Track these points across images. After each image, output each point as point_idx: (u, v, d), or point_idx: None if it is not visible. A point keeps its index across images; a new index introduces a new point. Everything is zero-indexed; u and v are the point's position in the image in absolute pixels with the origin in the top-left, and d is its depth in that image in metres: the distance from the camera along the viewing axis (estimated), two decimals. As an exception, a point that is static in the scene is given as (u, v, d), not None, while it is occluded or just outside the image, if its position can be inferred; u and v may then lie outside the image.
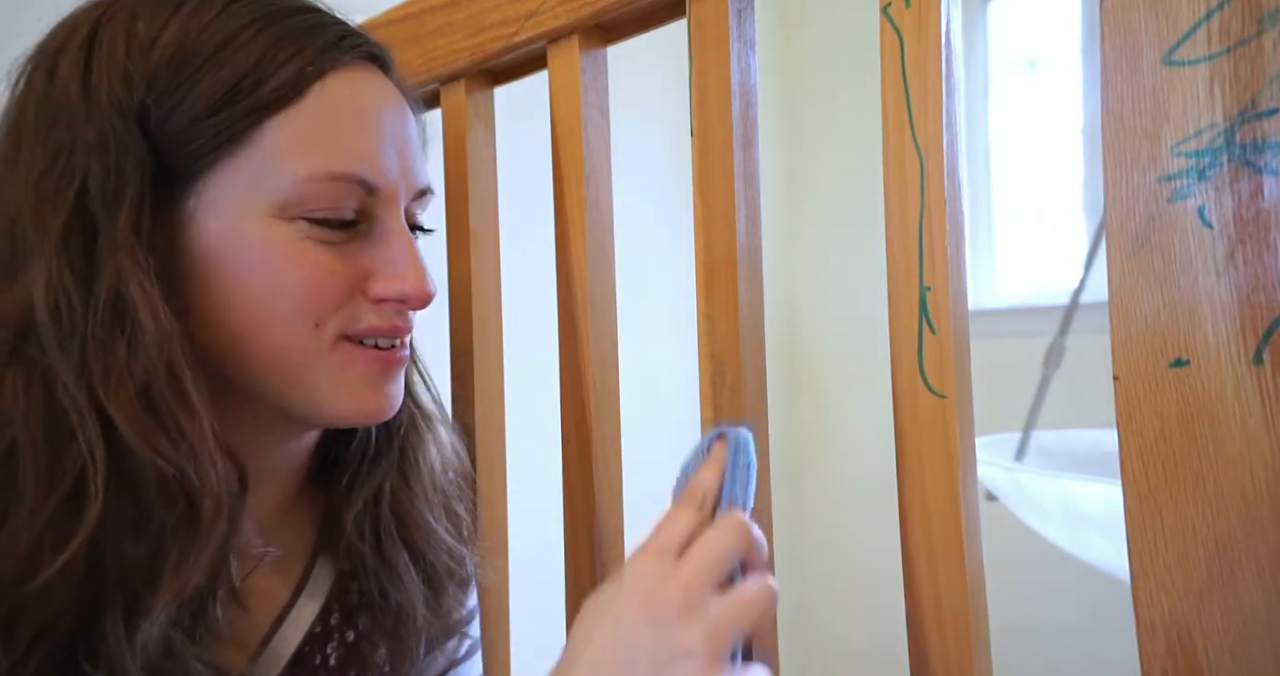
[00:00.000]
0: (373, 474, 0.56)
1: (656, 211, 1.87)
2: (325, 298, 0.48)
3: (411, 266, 0.50)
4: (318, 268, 0.47)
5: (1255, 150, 0.34)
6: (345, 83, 0.49)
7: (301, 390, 0.49)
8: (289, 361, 0.48)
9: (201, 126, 0.46)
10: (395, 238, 0.50)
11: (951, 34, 0.45)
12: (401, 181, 0.51)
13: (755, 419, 0.52)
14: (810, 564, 2.32)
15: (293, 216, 0.47)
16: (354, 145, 0.48)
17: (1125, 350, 0.37)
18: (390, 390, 0.51)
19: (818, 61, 2.32)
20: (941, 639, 0.45)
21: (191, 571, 0.43)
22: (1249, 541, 0.34)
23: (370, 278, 0.49)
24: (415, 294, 0.50)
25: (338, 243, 0.48)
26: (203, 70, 0.46)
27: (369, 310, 0.49)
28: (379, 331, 0.50)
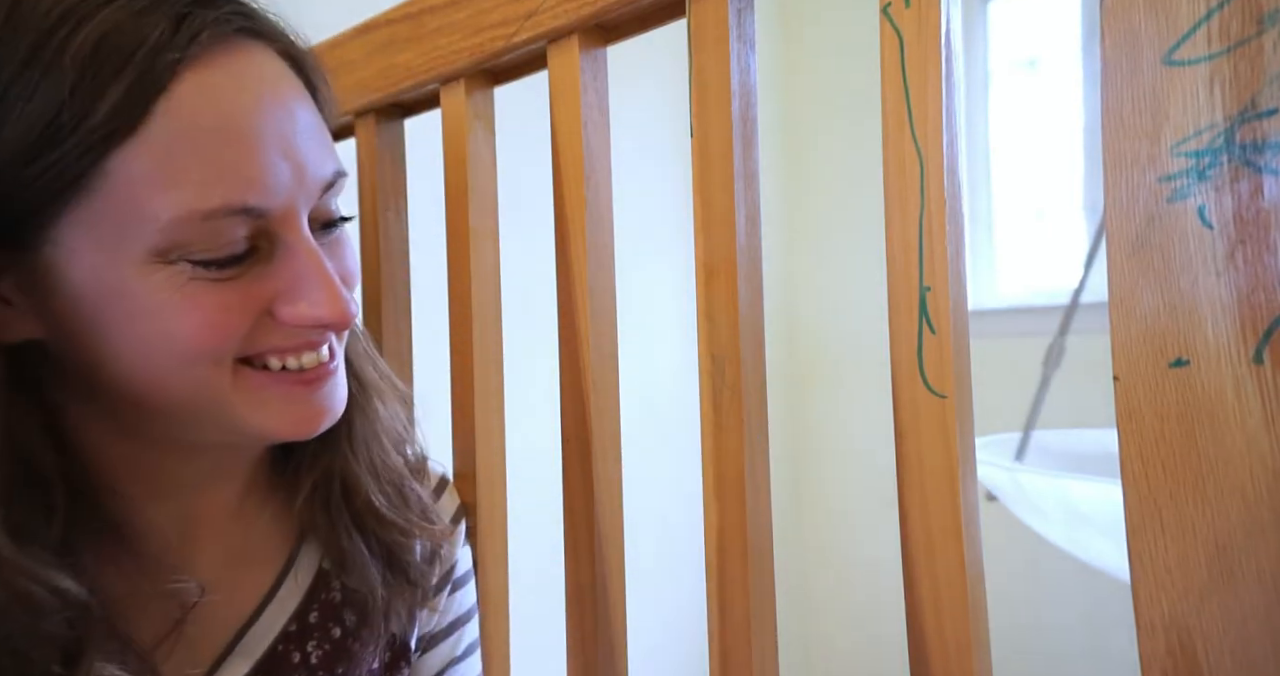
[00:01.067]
0: (319, 454, 0.54)
1: (656, 211, 1.87)
2: (224, 337, 0.43)
3: (323, 288, 0.44)
4: (213, 309, 0.42)
5: (1255, 150, 0.34)
6: (197, 89, 0.40)
7: (222, 421, 0.45)
8: (199, 399, 0.44)
9: (23, 176, 0.38)
10: (300, 257, 0.44)
11: (951, 34, 0.45)
12: (298, 192, 0.44)
13: (755, 419, 0.52)
14: (810, 564, 2.32)
15: (172, 260, 0.41)
16: (226, 169, 0.41)
17: (1125, 350, 0.37)
18: (325, 400, 0.48)
19: (818, 61, 2.32)
20: (941, 639, 0.45)
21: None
22: (1249, 541, 0.34)
23: (277, 300, 0.44)
24: (331, 318, 0.44)
25: (229, 272, 0.43)
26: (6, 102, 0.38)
27: (275, 331, 0.45)
28: (283, 351, 0.45)
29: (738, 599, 0.51)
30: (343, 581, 0.55)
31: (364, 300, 0.79)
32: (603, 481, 0.61)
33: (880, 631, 2.11)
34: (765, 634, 0.52)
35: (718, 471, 0.53)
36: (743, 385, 0.52)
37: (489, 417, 0.69)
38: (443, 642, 0.61)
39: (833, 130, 2.29)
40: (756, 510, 0.52)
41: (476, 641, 0.64)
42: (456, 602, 0.62)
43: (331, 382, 0.48)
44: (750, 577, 0.51)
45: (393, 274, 0.78)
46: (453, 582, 0.62)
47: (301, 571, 0.55)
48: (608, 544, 0.61)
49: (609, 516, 0.61)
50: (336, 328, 0.46)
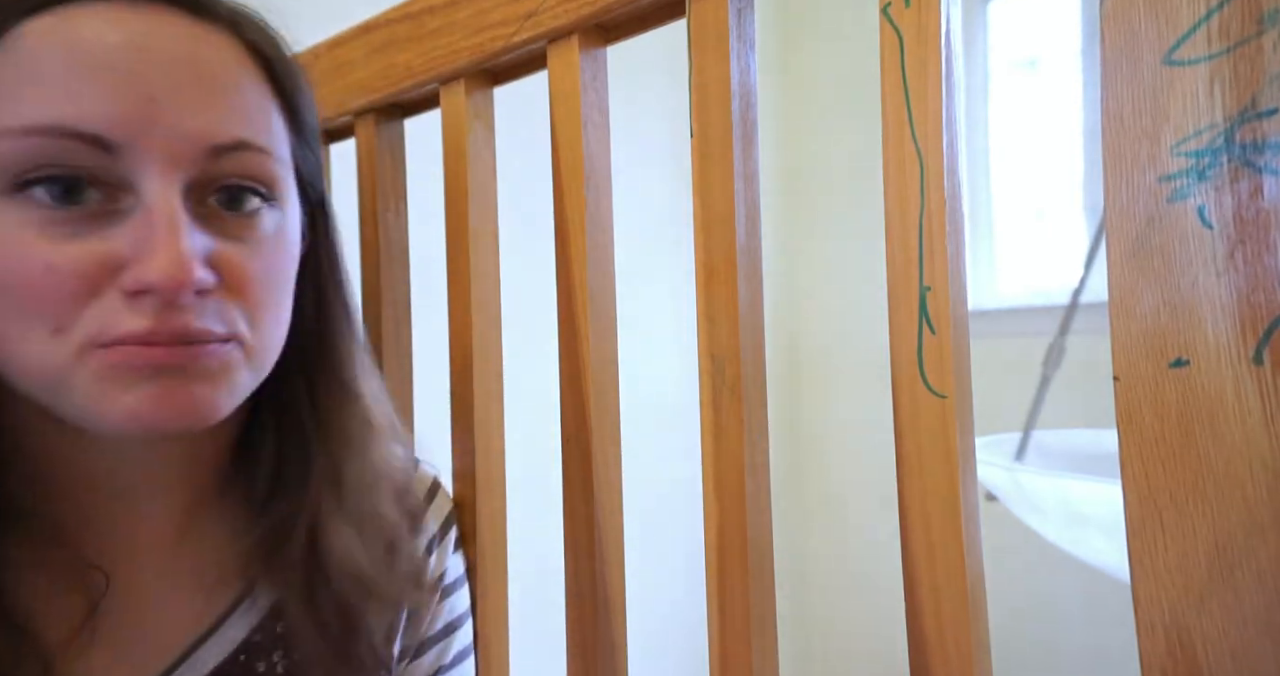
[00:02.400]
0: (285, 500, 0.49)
1: (656, 211, 1.87)
2: (45, 299, 0.38)
3: (161, 244, 0.38)
4: (34, 261, 0.38)
5: (1255, 150, 0.34)
6: (69, 19, 0.38)
7: (66, 404, 0.40)
8: (40, 372, 0.40)
9: None
10: (150, 210, 0.39)
11: (951, 34, 0.45)
12: (160, 135, 0.39)
13: (755, 419, 0.52)
14: (810, 563, 2.32)
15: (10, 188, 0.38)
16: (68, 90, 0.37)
17: (1125, 350, 0.37)
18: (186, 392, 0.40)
19: (818, 61, 2.32)
20: (941, 638, 0.45)
21: None
22: (1249, 542, 0.34)
23: (122, 267, 0.39)
24: (161, 279, 0.38)
25: (76, 224, 0.38)
26: None
27: (122, 309, 0.39)
28: (135, 338, 0.39)
29: (738, 599, 0.51)
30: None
31: (364, 300, 0.79)
32: (603, 481, 0.61)
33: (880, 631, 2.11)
34: (765, 634, 0.52)
35: (718, 471, 0.53)
36: (743, 385, 0.52)
37: (489, 417, 0.69)
38: (431, 650, 0.60)
39: (833, 130, 2.29)
40: (756, 510, 0.52)
41: (468, 647, 0.63)
42: (446, 610, 0.61)
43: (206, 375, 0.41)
44: (750, 577, 0.51)
45: (393, 274, 0.78)
46: (442, 590, 0.61)
47: (262, 596, 0.51)
48: (608, 544, 0.61)
49: (609, 516, 0.61)
50: (169, 293, 0.38)
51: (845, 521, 2.26)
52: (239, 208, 0.43)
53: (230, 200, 0.43)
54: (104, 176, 0.39)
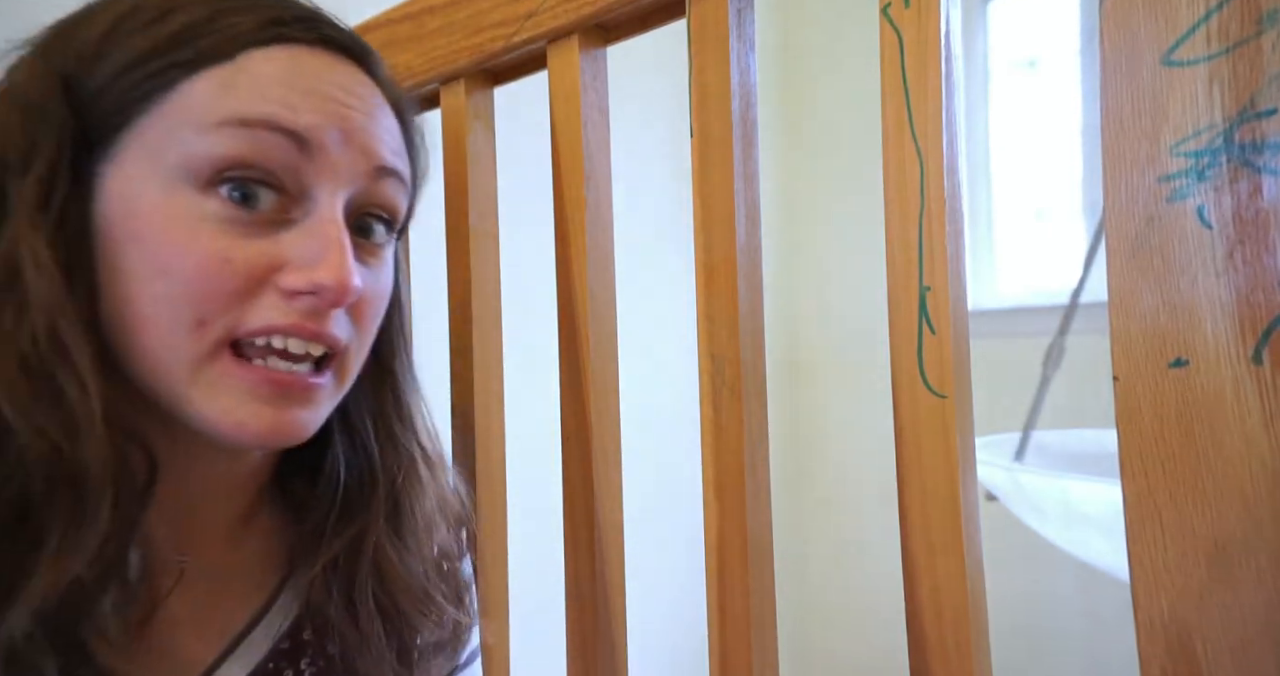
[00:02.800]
0: (348, 521, 0.51)
1: (656, 211, 1.87)
2: (213, 289, 0.42)
3: (331, 252, 0.43)
4: (212, 253, 0.42)
5: (1254, 150, 0.34)
6: (291, 56, 0.44)
7: (179, 400, 0.43)
8: (163, 359, 0.43)
9: (118, 83, 0.43)
10: (322, 223, 0.44)
11: (951, 34, 0.45)
12: (345, 150, 0.44)
13: (755, 419, 0.52)
14: (810, 563, 2.32)
15: (204, 184, 0.42)
16: (280, 96, 0.43)
17: (1125, 350, 0.37)
18: (290, 414, 0.44)
19: (818, 61, 2.32)
20: (941, 638, 0.45)
21: (72, 560, 0.39)
22: (1248, 541, 0.34)
23: (283, 268, 0.43)
24: (330, 283, 0.42)
25: (252, 225, 0.43)
26: (133, 35, 0.43)
27: (273, 306, 0.43)
28: (276, 329, 0.43)
29: (738, 599, 0.51)
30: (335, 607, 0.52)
31: (364, 300, 0.79)
32: (603, 481, 0.61)
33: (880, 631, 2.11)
34: (765, 634, 0.52)
35: (718, 471, 0.53)
36: (743, 385, 0.52)
37: (489, 417, 0.69)
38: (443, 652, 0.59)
39: (833, 130, 2.29)
40: (756, 510, 0.52)
41: (478, 650, 0.63)
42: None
43: (310, 401, 0.45)
44: (750, 577, 0.51)
45: (393, 274, 0.78)
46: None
47: (297, 587, 0.53)
48: (608, 543, 0.61)
49: (609, 516, 0.61)
50: (332, 294, 0.43)
51: (845, 521, 2.26)
52: (369, 236, 0.48)
53: (363, 229, 0.48)
54: (288, 181, 0.44)
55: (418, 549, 0.54)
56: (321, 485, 0.52)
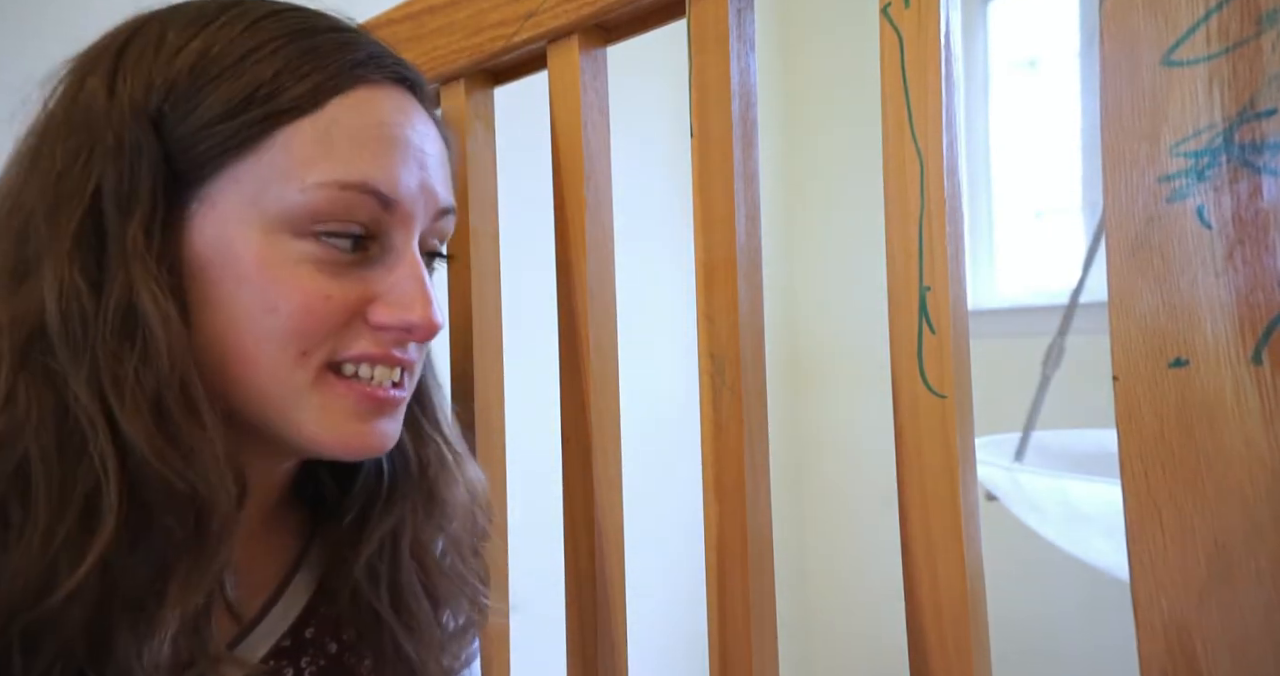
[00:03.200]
0: (389, 511, 0.55)
1: (656, 211, 1.87)
2: (316, 324, 0.46)
3: (419, 293, 0.48)
4: (314, 292, 0.46)
5: (1254, 150, 0.34)
6: (369, 99, 0.48)
7: (287, 423, 0.47)
8: (271, 390, 0.46)
9: (212, 131, 0.45)
10: (406, 263, 0.48)
11: (951, 34, 0.45)
12: (420, 199, 0.49)
13: (755, 419, 0.52)
14: (810, 563, 2.32)
15: (300, 232, 0.46)
16: (370, 156, 0.47)
17: (1125, 350, 0.37)
18: (383, 426, 0.49)
19: (818, 61, 2.32)
20: (941, 638, 0.45)
21: (198, 588, 0.42)
22: (1248, 541, 0.34)
23: (373, 303, 0.48)
24: (421, 323, 0.48)
25: (343, 265, 0.47)
26: (222, 78, 0.45)
27: (365, 336, 0.48)
28: (370, 358, 0.48)
29: (738, 599, 0.51)
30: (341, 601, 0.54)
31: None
32: (603, 481, 0.61)
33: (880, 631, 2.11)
34: (765, 634, 0.52)
35: (718, 471, 0.53)
36: (743, 385, 0.52)
37: (489, 418, 0.69)
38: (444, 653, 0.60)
39: (833, 130, 2.29)
40: (756, 510, 0.52)
41: (475, 651, 0.63)
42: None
43: (395, 414, 0.50)
44: (750, 577, 0.51)
45: (393, 274, 0.78)
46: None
47: (300, 586, 0.54)
48: (608, 543, 0.61)
49: (609, 516, 0.61)
50: (422, 332, 0.48)
51: (845, 521, 2.26)
52: (430, 264, 0.52)
53: (429, 256, 0.52)
54: (372, 228, 0.47)
55: (453, 534, 0.57)
56: (360, 481, 0.55)
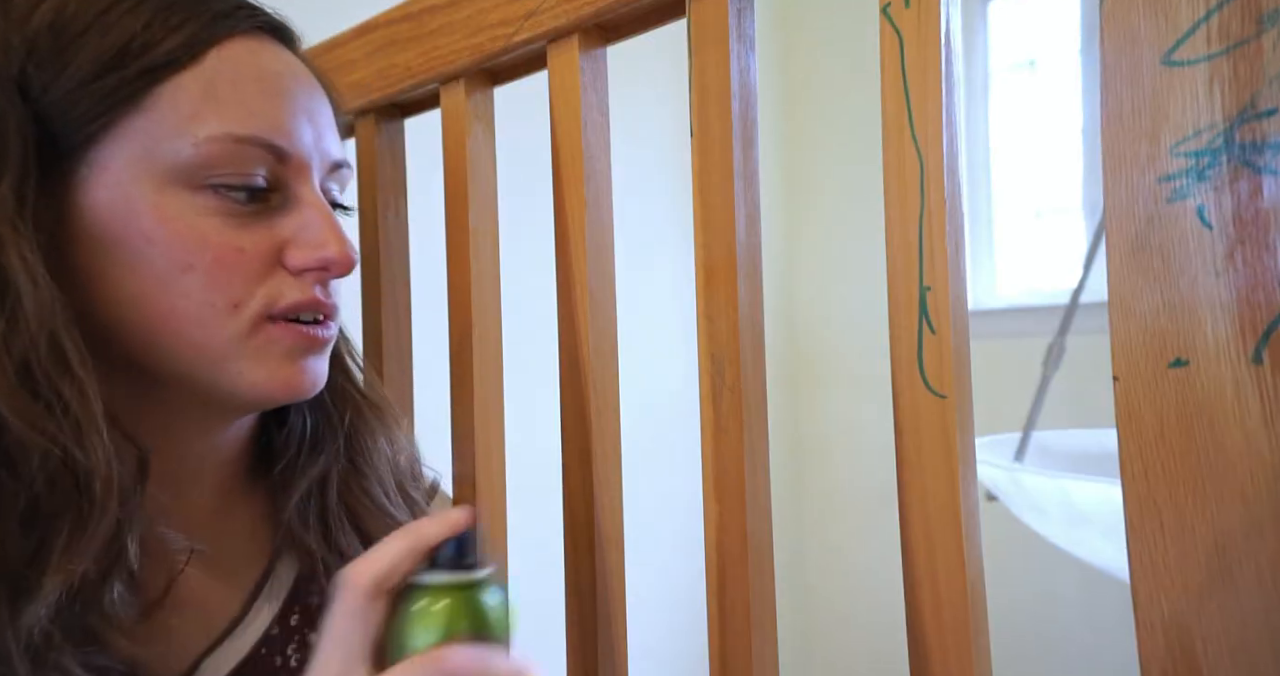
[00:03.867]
0: (314, 461, 0.55)
1: (656, 211, 1.87)
2: (236, 276, 0.46)
3: (330, 230, 0.48)
4: (225, 245, 0.46)
5: (1254, 150, 0.34)
6: (248, 50, 0.48)
7: (223, 374, 0.47)
8: (209, 346, 0.46)
9: (88, 90, 0.44)
10: (310, 206, 0.49)
11: (951, 34, 0.45)
12: (314, 151, 0.49)
13: (755, 419, 0.52)
14: (810, 563, 2.32)
15: (196, 185, 0.45)
16: (260, 109, 0.47)
17: (1125, 350, 0.37)
18: (313, 365, 0.50)
19: (818, 61, 2.32)
20: (941, 639, 0.45)
21: (80, 556, 0.41)
22: (1249, 541, 0.34)
23: (287, 248, 0.48)
24: (338, 258, 0.48)
25: (246, 216, 0.47)
26: (87, 35, 0.44)
27: (291, 285, 0.48)
28: (302, 306, 0.48)
29: (738, 599, 0.51)
30: (320, 583, 0.54)
31: (364, 300, 0.79)
32: (602, 482, 0.61)
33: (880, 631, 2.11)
34: (765, 634, 0.52)
35: (718, 471, 0.53)
36: (743, 385, 0.52)
37: (489, 418, 0.69)
38: None
39: (832, 130, 2.29)
40: (756, 510, 0.52)
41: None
42: None
43: (323, 353, 0.51)
44: (750, 577, 0.51)
45: (393, 274, 0.78)
46: None
47: (281, 576, 0.55)
48: (608, 544, 0.61)
49: (609, 516, 0.61)
50: (340, 267, 0.49)
51: (845, 521, 2.26)
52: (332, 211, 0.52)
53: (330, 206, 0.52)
54: (269, 178, 0.48)
55: (377, 479, 0.58)
56: (286, 436, 0.56)
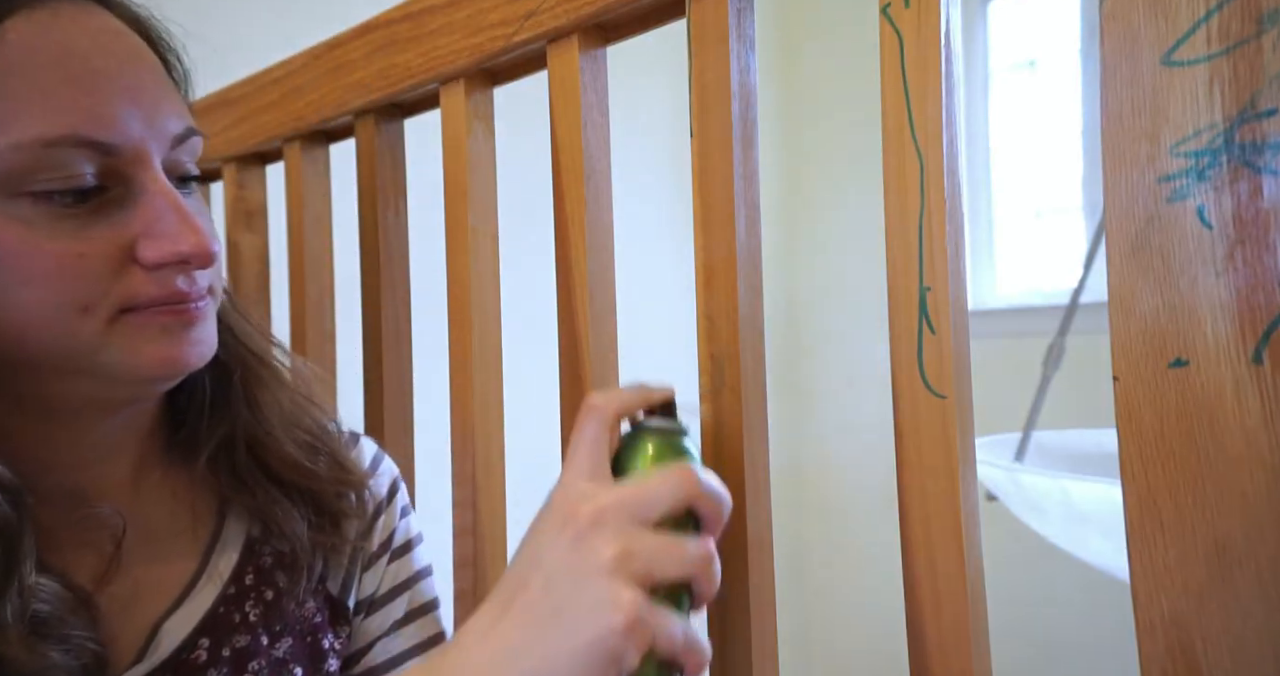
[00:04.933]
0: (218, 422, 0.55)
1: (656, 211, 1.87)
2: (81, 283, 0.43)
3: (182, 223, 0.45)
4: (64, 253, 0.43)
5: (1254, 150, 0.34)
6: (43, 27, 0.42)
7: (98, 366, 0.45)
8: (66, 347, 0.44)
9: None
10: (156, 196, 0.45)
11: (951, 34, 0.45)
12: (147, 134, 0.45)
13: (755, 419, 0.52)
14: (810, 563, 2.32)
15: (14, 193, 0.42)
16: (70, 101, 0.42)
17: (1125, 350, 0.37)
18: (194, 337, 0.47)
19: (818, 61, 2.32)
20: (941, 639, 0.45)
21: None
22: (1249, 541, 0.34)
23: (137, 243, 0.44)
24: (193, 252, 0.45)
25: (83, 216, 0.43)
26: None
27: (146, 281, 0.45)
28: (159, 301, 0.45)
29: (738, 598, 0.51)
30: (273, 545, 0.56)
31: (364, 300, 0.79)
32: (603, 481, 0.61)
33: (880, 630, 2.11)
34: (765, 634, 0.52)
35: (718, 471, 0.53)
36: (743, 385, 0.52)
37: (489, 417, 0.69)
38: (384, 607, 0.62)
39: (833, 131, 2.29)
40: (756, 510, 0.52)
41: (424, 604, 0.64)
42: (395, 571, 0.63)
43: (204, 323, 0.48)
44: (750, 577, 0.51)
45: (392, 274, 0.78)
46: (391, 552, 0.63)
47: (230, 541, 0.56)
48: (608, 544, 0.61)
49: (609, 516, 0.61)
50: (197, 261, 0.46)
51: (845, 521, 2.26)
52: (186, 187, 0.49)
53: (181, 180, 0.49)
54: (101, 172, 0.44)
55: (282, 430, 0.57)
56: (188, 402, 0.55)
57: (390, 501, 0.64)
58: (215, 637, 0.52)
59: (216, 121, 0.90)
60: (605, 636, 0.37)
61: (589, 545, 0.39)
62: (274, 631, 0.54)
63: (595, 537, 0.39)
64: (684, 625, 0.40)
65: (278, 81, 0.84)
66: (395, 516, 0.64)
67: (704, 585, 0.41)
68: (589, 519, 0.39)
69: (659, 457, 0.45)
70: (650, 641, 0.38)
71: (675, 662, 0.40)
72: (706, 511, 0.42)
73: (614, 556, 0.38)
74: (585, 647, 0.37)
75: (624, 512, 0.40)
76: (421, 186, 0.82)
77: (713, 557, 0.41)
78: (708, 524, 0.43)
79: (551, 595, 0.39)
